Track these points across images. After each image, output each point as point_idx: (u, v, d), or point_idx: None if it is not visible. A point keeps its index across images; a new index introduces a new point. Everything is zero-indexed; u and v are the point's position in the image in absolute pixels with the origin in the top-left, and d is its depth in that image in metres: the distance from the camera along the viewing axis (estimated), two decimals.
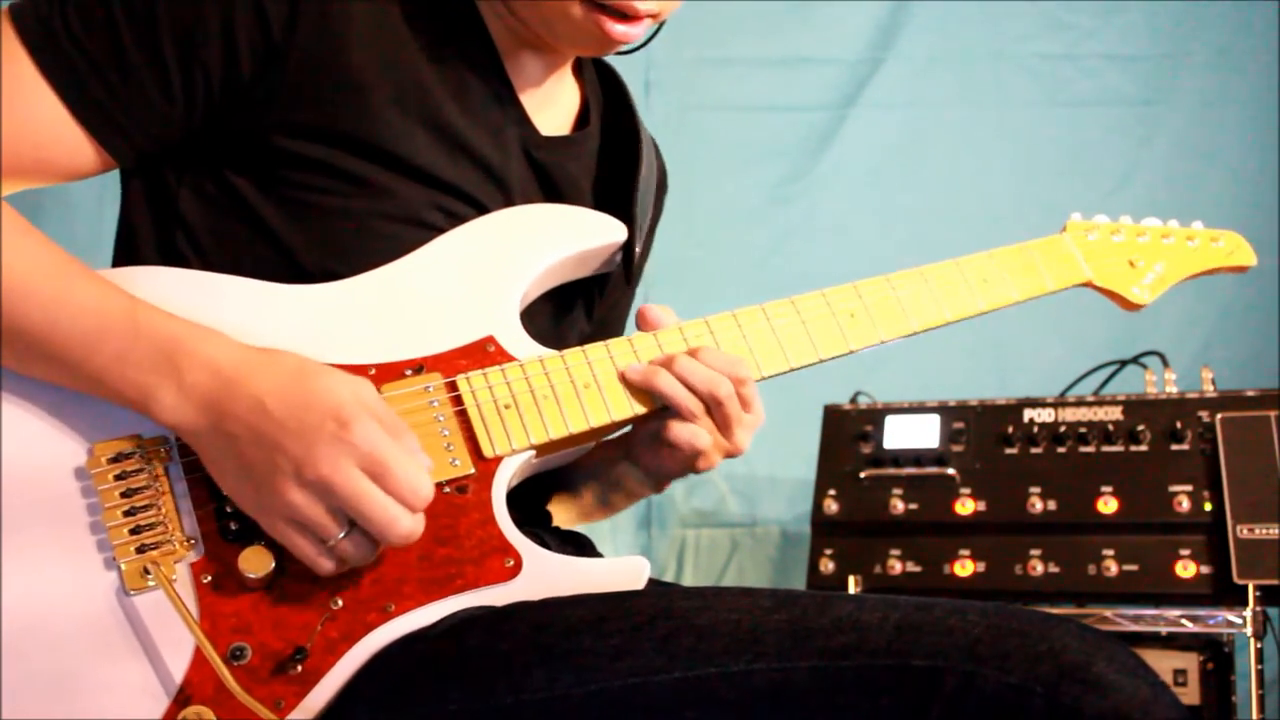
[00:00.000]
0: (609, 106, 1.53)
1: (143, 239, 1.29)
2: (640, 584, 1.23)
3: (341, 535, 1.09)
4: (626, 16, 1.31)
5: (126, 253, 1.30)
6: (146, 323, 1.14)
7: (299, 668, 1.11)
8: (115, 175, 1.31)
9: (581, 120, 1.49)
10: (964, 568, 2.35)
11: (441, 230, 1.29)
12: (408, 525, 1.10)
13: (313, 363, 1.14)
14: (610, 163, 1.49)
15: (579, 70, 1.51)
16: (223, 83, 1.22)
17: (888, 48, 3.34)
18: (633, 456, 1.40)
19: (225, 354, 1.13)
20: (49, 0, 1.19)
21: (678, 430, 1.29)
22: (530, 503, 1.36)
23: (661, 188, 1.60)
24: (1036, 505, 2.34)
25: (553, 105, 1.45)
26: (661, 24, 1.39)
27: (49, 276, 1.14)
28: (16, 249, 1.14)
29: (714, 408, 1.28)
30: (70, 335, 1.13)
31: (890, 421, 2.49)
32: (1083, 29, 3.29)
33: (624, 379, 1.28)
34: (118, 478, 1.15)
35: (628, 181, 1.45)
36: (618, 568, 1.23)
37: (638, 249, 1.46)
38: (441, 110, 1.30)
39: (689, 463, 1.33)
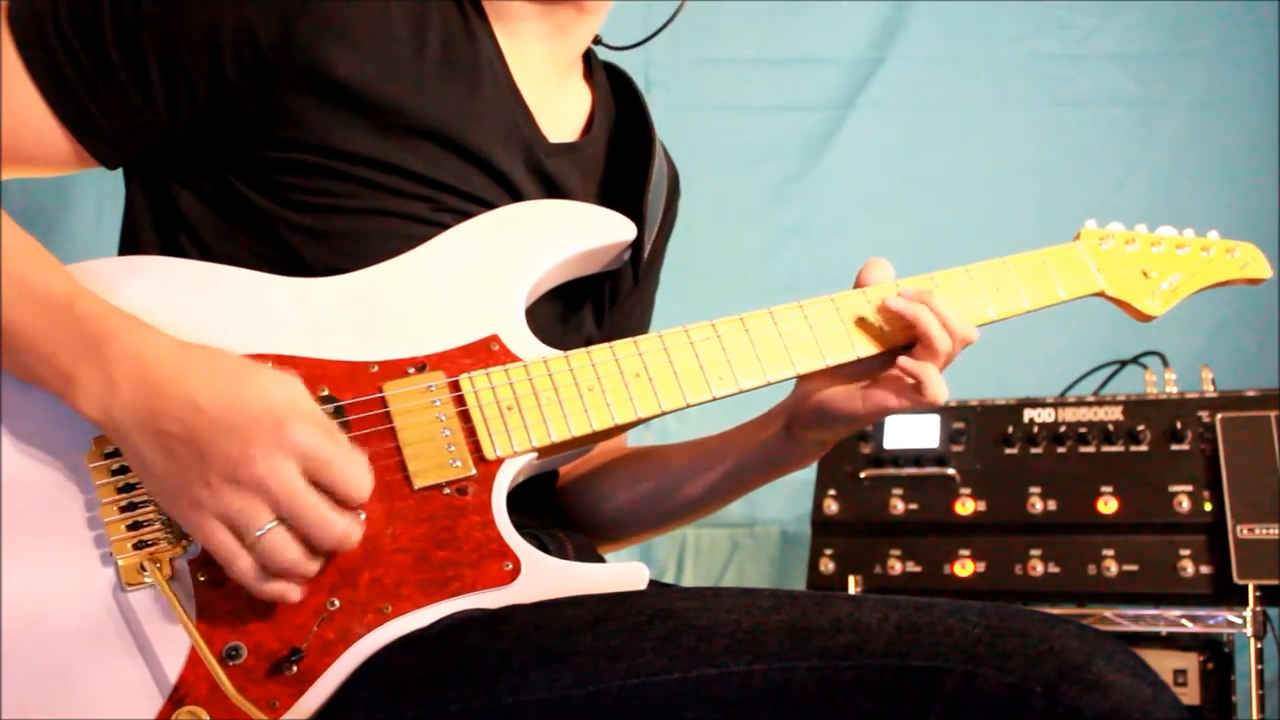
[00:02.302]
0: (620, 110, 1.52)
1: (145, 237, 1.29)
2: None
3: (259, 533, 1.06)
4: None
5: (130, 251, 1.30)
6: (84, 311, 1.12)
7: (294, 668, 1.10)
8: (115, 176, 1.31)
9: (589, 125, 1.47)
10: (964, 568, 2.35)
11: (447, 228, 1.28)
12: (342, 527, 1.09)
13: (246, 361, 1.13)
14: (619, 167, 1.47)
15: (589, 75, 1.50)
16: (209, 95, 1.21)
17: (888, 48, 3.34)
18: (801, 421, 1.40)
19: (157, 349, 1.11)
20: None
21: (909, 364, 1.33)
22: (536, 499, 1.35)
23: (674, 192, 1.59)
24: (1036, 505, 2.33)
25: (560, 110, 1.44)
26: (665, 24, 1.37)
27: (6, 259, 1.13)
28: None
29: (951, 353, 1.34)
30: (10, 319, 1.12)
31: (890, 421, 2.48)
32: (1083, 28, 3.29)
33: (882, 310, 1.33)
34: (115, 472, 1.14)
35: (638, 181, 1.44)
36: (616, 573, 1.22)
37: (646, 247, 1.44)
38: (445, 117, 1.28)
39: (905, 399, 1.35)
